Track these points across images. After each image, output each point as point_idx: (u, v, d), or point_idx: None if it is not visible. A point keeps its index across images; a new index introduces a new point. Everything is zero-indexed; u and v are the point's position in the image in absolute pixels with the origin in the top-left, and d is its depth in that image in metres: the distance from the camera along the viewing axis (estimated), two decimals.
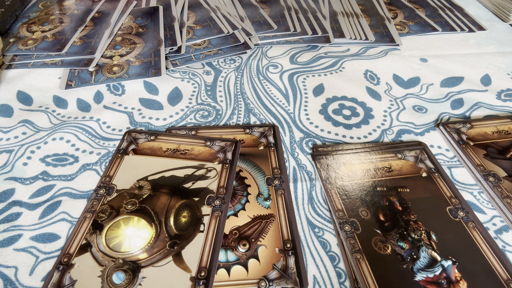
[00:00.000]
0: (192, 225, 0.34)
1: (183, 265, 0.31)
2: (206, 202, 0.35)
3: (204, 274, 0.30)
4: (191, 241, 0.32)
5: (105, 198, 0.35)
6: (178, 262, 0.31)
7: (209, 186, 0.37)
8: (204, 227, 0.33)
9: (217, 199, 0.35)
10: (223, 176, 0.38)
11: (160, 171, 0.38)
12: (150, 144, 0.40)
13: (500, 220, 0.36)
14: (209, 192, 0.36)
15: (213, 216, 0.34)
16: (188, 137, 0.41)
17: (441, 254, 0.32)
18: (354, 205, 0.35)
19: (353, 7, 0.67)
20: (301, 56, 0.57)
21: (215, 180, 0.37)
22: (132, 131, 0.42)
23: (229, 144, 0.41)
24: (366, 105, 0.48)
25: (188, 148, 0.40)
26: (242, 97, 0.49)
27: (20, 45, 0.54)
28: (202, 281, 0.30)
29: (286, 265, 0.31)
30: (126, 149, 0.40)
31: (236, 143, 0.41)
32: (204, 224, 0.34)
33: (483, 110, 0.48)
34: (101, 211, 0.34)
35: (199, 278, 0.30)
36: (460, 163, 0.41)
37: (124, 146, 0.40)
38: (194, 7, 0.64)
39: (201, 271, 0.30)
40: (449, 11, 0.68)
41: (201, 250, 0.32)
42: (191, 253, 0.31)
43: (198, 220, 0.34)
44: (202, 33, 0.57)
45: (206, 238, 0.32)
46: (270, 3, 0.67)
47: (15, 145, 0.41)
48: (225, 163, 0.39)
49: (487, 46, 0.60)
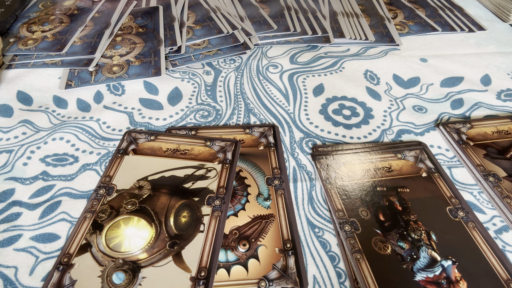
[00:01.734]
0: (192, 225, 0.34)
1: (183, 265, 0.31)
2: (206, 202, 0.35)
3: (204, 274, 0.30)
4: (191, 241, 0.32)
5: (105, 198, 0.35)
6: (178, 262, 0.31)
7: (209, 186, 0.37)
8: (204, 227, 0.33)
9: (217, 199, 0.36)
10: (223, 176, 0.38)
11: (160, 171, 0.38)
12: (150, 144, 0.40)
13: (500, 220, 0.36)
14: (209, 192, 0.36)
15: (213, 216, 0.34)
16: (188, 137, 0.41)
17: (441, 254, 0.32)
18: (354, 205, 0.35)
19: (353, 7, 0.67)
20: (301, 56, 0.57)
21: (215, 180, 0.37)
22: (132, 131, 0.42)
23: (229, 144, 0.41)
24: (366, 105, 0.48)
25: (188, 148, 0.40)
26: (242, 97, 0.49)
27: (20, 45, 0.54)
28: (202, 281, 0.30)
29: (286, 265, 0.31)
30: (126, 149, 0.40)
31: (236, 143, 0.41)
32: (204, 224, 0.34)
33: (483, 110, 0.48)
34: (101, 211, 0.34)
35: (199, 278, 0.30)
36: (460, 163, 0.41)
37: (124, 146, 0.40)
38: (194, 7, 0.64)
39: (201, 271, 0.30)
40: (449, 11, 0.68)
41: (201, 250, 0.32)
42: (191, 253, 0.31)
43: (198, 220, 0.34)
44: (202, 33, 0.57)
45: (206, 238, 0.32)
46: (270, 3, 0.67)
47: (15, 145, 0.41)
48: (225, 163, 0.39)
49: (487, 46, 0.60)
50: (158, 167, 0.38)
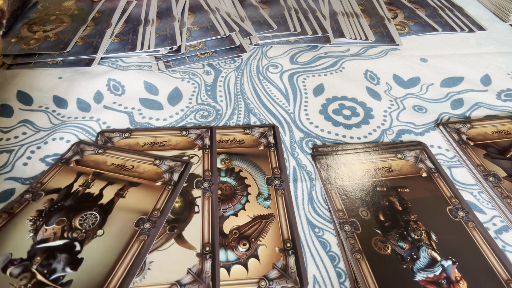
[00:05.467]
0: (186, 208, 0.35)
1: (187, 245, 0.32)
2: (195, 185, 0.37)
3: (209, 249, 0.32)
4: (189, 222, 0.34)
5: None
6: (181, 242, 0.32)
7: (195, 171, 0.38)
8: (199, 208, 0.35)
9: (205, 181, 0.37)
10: (206, 160, 0.39)
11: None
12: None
13: (500, 220, 0.36)
14: (196, 176, 0.38)
15: (205, 197, 0.36)
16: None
17: (441, 254, 0.32)
18: (354, 205, 0.35)
19: (353, 7, 0.67)
20: (301, 56, 0.57)
21: (199, 165, 0.39)
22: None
23: (205, 131, 0.42)
24: (366, 105, 0.48)
25: (166, 140, 0.42)
26: (242, 97, 0.49)
27: (23, 45, 0.54)
28: (209, 255, 0.31)
29: (286, 264, 0.31)
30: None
31: (211, 129, 0.43)
32: (198, 205, 0.35)
33: (483, 110, 0.48)
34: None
35: (204, 253, 0.31)
36: (460, 163, 0.41)
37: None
38: (193, 8, 0.64)
39: (205, 247, 0.32)
40: (449, 11, 0.68)
41: (200, 228, 0.33)
42: (191, 233, 0.33)
43: (191, 203, 0.35)
44: (199, 35, 0.57)
45: (203, 217, 0.34)
46: (270, 3, 0.67)
47: (15, 145, 0.41)
48: (204, 148, 0.40)
49: (487, 46, 0.60)
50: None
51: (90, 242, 0.31)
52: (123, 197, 0.35)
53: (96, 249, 0.31)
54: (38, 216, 0.33)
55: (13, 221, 0.32)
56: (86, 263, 0.30)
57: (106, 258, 0.30)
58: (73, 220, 0.33)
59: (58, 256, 0.30)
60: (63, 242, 0.31)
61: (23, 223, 0.32)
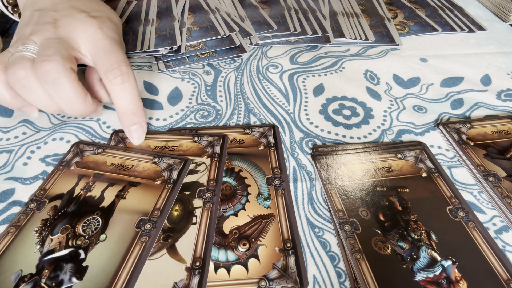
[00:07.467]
0: (184, 218, 0.34)
1: (178, 257, 0.31)
2: (197, 195, 0.36)
3: (199, 264, 0.30)
4: (184, 233, 0.33)
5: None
6: (172, 254, 0.31)
7: (200, 180, 0.37)
8: (197, 219, 0.34)
9: (208, 191, 0.36)
10: (213, 170, 0.38)
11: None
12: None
13: (500, 220, 0.36)
14: (200, 185, 0.37)
15: (205, 208, 0.35)
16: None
17: (441, 254, 0.32)
18: (354, 205, 0.35)
19: (353, 7, 0.67)
20: (301, 56, 0.57)
21: (204, 174, 0.38)
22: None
23: (217, 138, 0.41)
24: (366, 105, 0.49)
25: (176, 144, 0.41)
26: (242, 97, 0.49)
27: None
28: (198, 271, 0.30)
29: (286, 264, 0.31)
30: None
31: (223, 137, 0.41)
32: (196, 216, 0.34)
33: (483, 110, 0.48)
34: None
35: (194, 268, 0.30)
36: (460, 163, 0.41)
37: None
38: (193, 8, 0.64)
39: (195, 261, 0.31)
40: (449, 11, 0.68)
41: (194, 241, 0.32)
42: (184, 245, 0.32)
43: (190, 213, 0.34)
44: (198, 35, 0.57)
45: (199, 230, 0.33)
46: (270, 3, 0.67)
47: (15, 145, 0.41)
48: (213, 157, 0.39)
49: (487, 46, 0.60)
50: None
51: (93, 248, 0.31)
52: (123, 198, 0.35)
53: (99, 256, 0.30)
54: (43, 226, 0.33)
55: (20, 234, 0.32)
56: (90, 271, 0.29)
57: (109, 264, 0.30)
58: (77, 226, 0.32)
59: (64, 267, 0.30)
60: (68, 251, 0.31)
61: (30, 236, 0.32)
